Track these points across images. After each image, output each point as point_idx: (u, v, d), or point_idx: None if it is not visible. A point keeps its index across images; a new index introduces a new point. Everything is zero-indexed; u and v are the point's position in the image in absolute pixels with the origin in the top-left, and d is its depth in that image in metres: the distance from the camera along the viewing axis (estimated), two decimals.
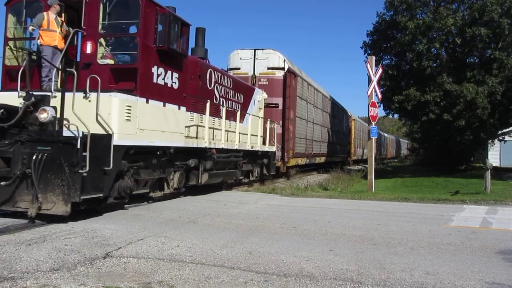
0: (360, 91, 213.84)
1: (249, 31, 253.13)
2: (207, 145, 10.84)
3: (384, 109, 25.40)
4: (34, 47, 8.44)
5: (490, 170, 13.92)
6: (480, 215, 9.21)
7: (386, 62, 24.48)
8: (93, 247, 5.40)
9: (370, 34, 24.92)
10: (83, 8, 8.35)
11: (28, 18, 8.62)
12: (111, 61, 8.38)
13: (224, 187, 13.49)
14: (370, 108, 14.68)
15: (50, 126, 7.13)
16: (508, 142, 31.82)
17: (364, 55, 25.08)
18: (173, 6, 9.59)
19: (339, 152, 31.74)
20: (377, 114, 15.15)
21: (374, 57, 15.94)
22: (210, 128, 11.26)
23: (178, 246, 5.65)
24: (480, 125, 21.86)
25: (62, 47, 8.24)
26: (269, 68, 17.71)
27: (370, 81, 14.79)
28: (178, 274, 4.47)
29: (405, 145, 79.65)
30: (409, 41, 21.21)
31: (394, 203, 11.35)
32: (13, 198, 6.88)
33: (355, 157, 37.77)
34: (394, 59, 24.51)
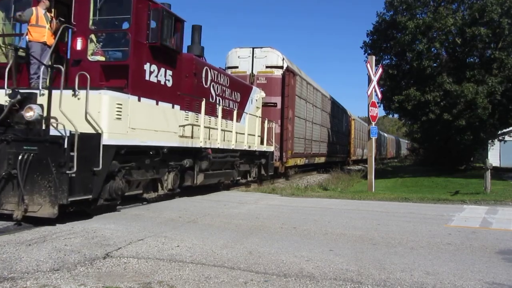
0: (360, 91, 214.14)
1: (249, 31, 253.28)
2: (203, 144, 10.61)
3: (384, 109, 25.44)
4: (23, 44, 8.16)
5: (490, 170, 13.93)
6: (480, 215, 9.21)
7: (386, 62, 24.51)
8: (93, 247, 5.40)
9: (370, 34, 24.93)
10: (73, 3, 8.12)
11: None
12: (102, 57, 8.16)
13: (221, 188, 13.27)
14: (370, 108, 14.68)
15: (36, 125, 6.83)
16: (508, 142, 31.82)
17: (364, 55, 25.15)
18: (168, 3, 9.40)
19: (339, 152, 31.69)
20: (377, 114, 15.15)
21: (374, 57, 15.94)
22: (206, 127, 11.06)
23: (178, 246, 5.65)
24: (480, 125, 21.87)
25: (52, 43, 7.99)
26: (267, 66, 17.53)
27: (370, 81, 14.79)
28: (178, 274, 4.47)
29: (405, 145, 79.65)
30: (409, 41, 21.21)
31: (394, 203, 11.35)
32: None
33: (355, 157, 37.67)
34: (394, 59, 24.53)
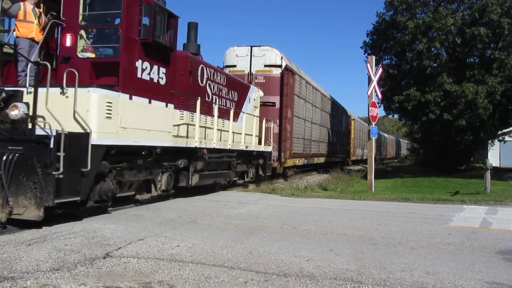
0: (360, 91, 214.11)
1: (248, 31, 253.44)
2: (198, 144, 10.35)
3: (384, 109, 25.43)
4: (12, 40, 7.92)
5: (490, 170, 13.92)
6: (480, 215, 9.21)
7: (386, 62, 24.52)
8: (93, 247, 5.40)
9: (370, 34, 24.93)
10: None
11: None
12: (92, 54, 7.96)
13: (217, 189, 13.03)
14: (370, 108, 14.68)
15: (22, 124, 6.54)
16: (508, 142, 31.84)
17: (364, 55, 25.14)
18: None
19: (339, 152, 31.63)
20: (377, 114, 15.15)
21: (374, 57, 15.93)
22: (201, 127, 10.84)
23: (178, 246, 5.65)
24: (480, 125, 21.88)
25: (40, 40, 7.72)
26: (266, 65, 17.22)
27: (370, 81, 14.79)
28: (178, 274, 4.47)
29: (405, 145, 79.64)
30: (408, 41, 21.22)
31: (394, 203, 11.35)
32: None
33: (355, 157, 37.50)
34: (394, 59, 24.54)
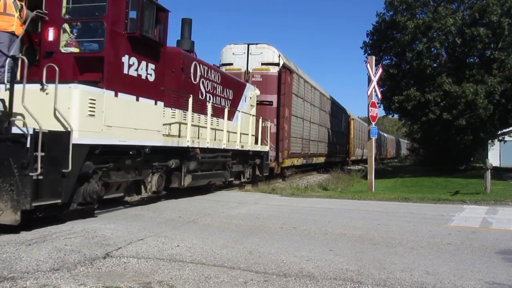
0: (360, 91, 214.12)
1: (248, 30, 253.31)
2: (190, 144, 9.99)
3: (384, 109, 25.43)
4: None
5: (490, 170, 13.92)
6: (480, 215, 9.21)
7: (386, 62, 24.53)
8: (93, 247, 5.40)
9: (370, 34, 24.94)
10: None
11: None
12: (76, 49, 7.60)
13: (212, 189, 12.72)
14: (370, 108, 14.68)
15: None
16: (508, 142, 31.83)
17: (364, 55, 25.15)
18: None
19: (339, 152, 31.60)
20: (377, 114, 15.15)
21: (374, 57, 15.94)
22: (194, 125, 10.54)
23: (178, 246, 5.65)
24: (480, 125, 21.88)
25: (20, 34, 7.39)
26: (263, 63, 16.91)
27: (370, 81, 14.79)
28: (178, 274, 4.47)
29: (405, 145, 79.66)
30: (408, 41, 21.22)
31: (394, 203, 11.35)
32: None
33: (354, 157, 37.40)
34: (394, 59, 24.55)
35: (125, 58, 7.78)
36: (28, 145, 5.93)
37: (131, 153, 8.17)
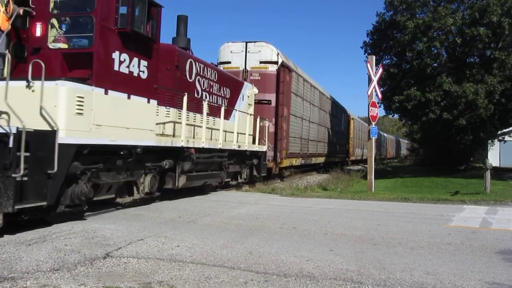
0: (360, 91, 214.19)
1: (248, 30, 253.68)
2: (184, 144, 9.69)
3: (384, 109, 25.44)
4: None
5: (490, 170, 13.93)
6: (480, 215, 9.21)
7: (387, 61, 24.53)
8: (93, 247, 5.40)
9: (370, 34, 24.94)
10: None
11: None
12: (64, 45, 7.34)
13: (208, 190, 12.45)
14: (370, 108, 14.68)
15: None
16: (508, 142, 31.84)
17: (364, 55, 25.16)
18: None
19: (339, 152, 31.54)
20: (377, 114, 15.15)
21: (374, 56, 15.93)
22: (189, 125, 10.27)
23: (178, 246, 5.65)
24: (480, 125, 21.89)
25: (6, 29, 7.11)
26: (261, 62, 16.59)
27: (370, 81, 14.80)
28: (178, 274, 4.47)
29: (405, 145, 79.69)
30: (408, 40, 21.23)
31: (394, 203, 11.35)
32: None
33: (354, 157, 37.26)
34: (394, 59, 24.55)
35: (115, 55, 7.51)
36: (10, 144, 5.68)
37: (122, 153, 7.87)
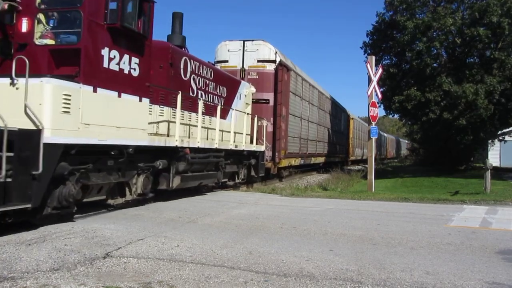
0: (360, 91, 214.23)
1: (247, 30, 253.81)
2: (179, 143, 9.44)
3: (384, 109, 25.45)
4: None
5: (490, 170, 13.93)
6: (480, 215, 9.21)
7: (386, 62, 24.55)
8: (93, 247, 5.40)
9: (370, 34, 24.97)
10: None
11: None
12: (52, 41, 7.08)
13: (204, 191, 12.19)
14: (370, 108, 14.69)
15: None
16: (508, 142, 31.85)
17: (364, 55, 25.17)
18: None
19: (339, 152, 31.50)
20: (377, 114, 15.15)
21: (374, 57, 15.94)
22: (183, 124, 10.05)
23: (178, 246, 5.65)
24: (480, 125, 21.89)
25: None
26: (259, 60, 16.45)
27: (370, 81, 14.80)
28: (178, 274, 4.47)
29: (405, 145, 79.71)
30: (408, 41, 21.23)
31: (394, 203, 11.35)
32: None
33: (354, 157, 37.18)
34: (394, 59, 24.57)
35: (105, 51, 7.23)
36: None
37: (113, 153, 7.62)
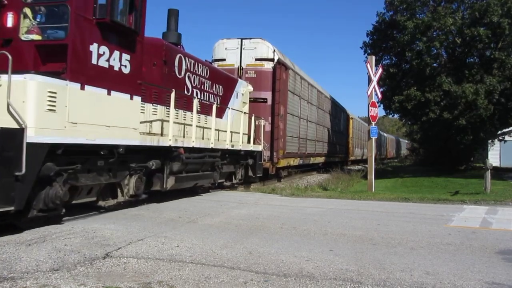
0: (360, 91, 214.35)
1: (247, 30, 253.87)
2: (172, 143, 9.18)
3: (384, 109, 25.44)
4: None
5: (490, 170, 13.93)
6: (480, 215, 9.21)
7: (386, 62, 24.56)
8: (93, 247, 5.40)
9: (370, 34, 24.98)
10: None
11: None
12: (38, 36, 6.82)
13: (199, 192, 11.96)
14: (370, 108, 14.69)
15: None
16: (508, 142, 31.86)
17: (364, 55, 25.17)
18: None
19: (339, 152, 31.46)
20: (377, 114, 15.15)
21: (374, 57, 15.94)
22: (177, 123, 9.84)
23: (178, 246, 5.65)
24: (480, 125, 21.90)
25: None
26: (257, 59, 16.16)
27: (370, 81, 14.80)
28: (178, 274, 4.47)
29: (405, 145, 79.74)
30: (408, 41, 21.23)
31: (394, 203, 11.35)
32: None
33: (353, 157, 37.06)
34: (394, 59, 24.57)
35: (93, 47, 6.96)
36: None
37: (103, 153, 7.34)
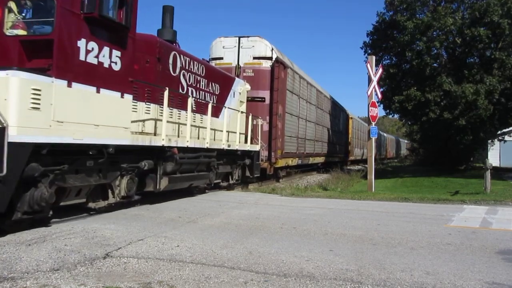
0: (360, 91, 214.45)
1: (248, 30, 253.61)
2: (165, 142, 8.98)
3: (384, 109, 25.44)
4: None
5: (490, 170, 13.93)
6: (480, 215, 9.21)
7: (386, 62, 24.54)
8: (93, 247, 5.40)
9: (370, 34, 24.97)
10: None
11: None
12: (23, 31, 6.58)
13: (195, 192, 11.72)
14: (370, 108, 14.69)
15: None
16: (508, 142, 31.85)
17: (364, 55, 25.16)
18: None
19: (339, 152, 31.42)
20: (377, 114, 15.15)
21: (374, 57, 15.94)
22: (171, 122, 9.68)
23: (178, 246, 5.65)
24: (480, 125, 21.90)
25: None
26: (255, 57, 15.97)
27: (370, 81, 14.80)
28: (178, 274, 4.47)
29: (405, 145, 79.72)
30: (408, 41, 21.23)
31: (394, 203, 11.35)
32: None
33: (353, 157, 37.01)
34: (394, 59, 24.56)
35: (81, 43, 6.68)
36: None
37: (91, 153, 7.09)
